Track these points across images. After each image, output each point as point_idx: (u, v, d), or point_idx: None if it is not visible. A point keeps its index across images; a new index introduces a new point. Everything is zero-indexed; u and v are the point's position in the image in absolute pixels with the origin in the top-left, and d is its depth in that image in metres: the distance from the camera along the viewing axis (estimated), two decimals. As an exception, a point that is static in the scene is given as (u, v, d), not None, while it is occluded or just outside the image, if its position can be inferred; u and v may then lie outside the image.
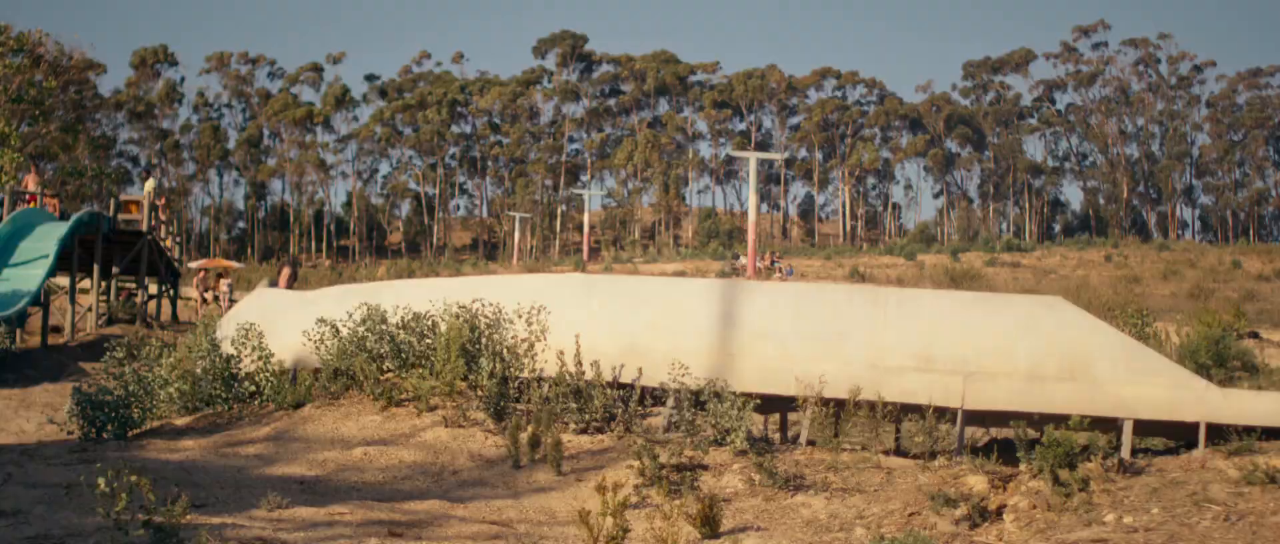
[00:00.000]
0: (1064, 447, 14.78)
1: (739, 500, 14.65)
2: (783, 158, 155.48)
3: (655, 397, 18.12)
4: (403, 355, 18.93)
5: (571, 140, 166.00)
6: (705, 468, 15.70)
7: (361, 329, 19.18)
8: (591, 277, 20.75)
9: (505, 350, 18.35)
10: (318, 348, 19.53)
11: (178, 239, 54.04)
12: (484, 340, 18.51)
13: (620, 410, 17.59)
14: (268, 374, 19.68)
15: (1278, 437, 17.03)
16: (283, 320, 20.61)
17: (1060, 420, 16.15)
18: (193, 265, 70.87)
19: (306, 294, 24.18)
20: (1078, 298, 30.81)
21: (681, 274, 62.12)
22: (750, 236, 43.61)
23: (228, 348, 20.03)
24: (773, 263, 69.92)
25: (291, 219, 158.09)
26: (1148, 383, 17.90)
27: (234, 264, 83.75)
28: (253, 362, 19.77)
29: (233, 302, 49.08)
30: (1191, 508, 13.63)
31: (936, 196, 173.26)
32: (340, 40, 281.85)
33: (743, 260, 74.08)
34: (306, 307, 21.21)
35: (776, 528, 13.60)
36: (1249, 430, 16.70)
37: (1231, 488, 14.34)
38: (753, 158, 61.32)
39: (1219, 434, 17.07)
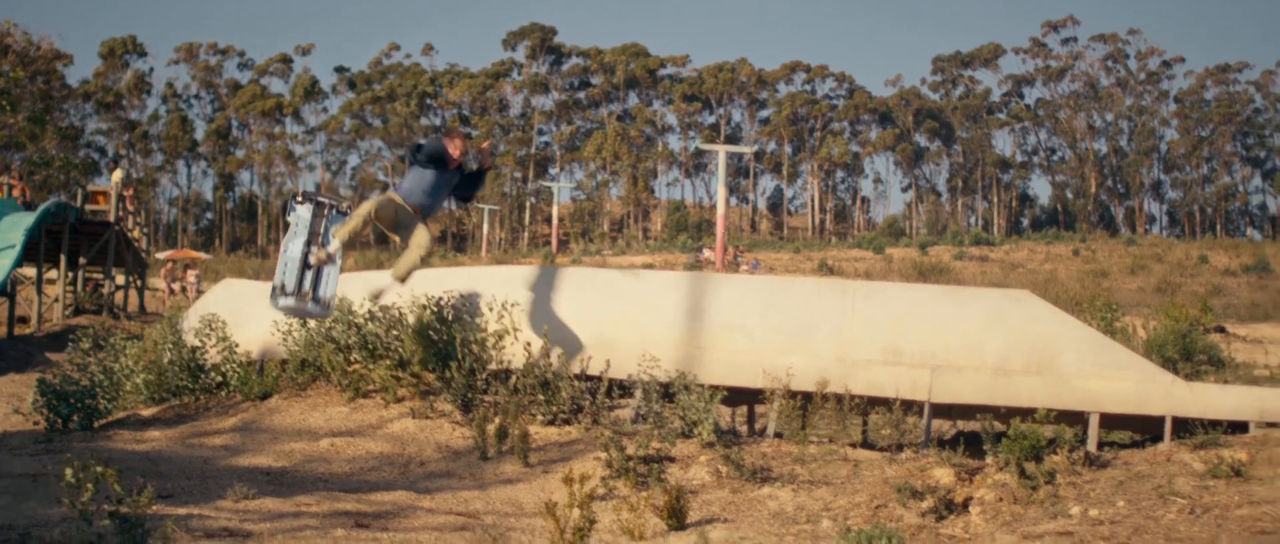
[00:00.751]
0: (1030, 440, 14.81)
1: (706, 492, 14.65)
2: (752, 151, 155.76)
3: (623, 388, 18.12)
4: (370, 346, 18.90)
5: (541, 133, 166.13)
6: (672, 460, 15.71)
7: (328, 320, 19.14)
8: (560, 269, 20.73)
9: (473, 342, 18.34)
10: (284, 339, 19.50)
11: (145, 230, 53.96)
12: (452, 333, 18.49)
13: (588, 402, 17.58)
14: (234, 365, 19.65)
15: (1243, 430, 17.10)
16: (250, 311, 20.57)
17: (1027, 413, 16.20)
18: (160, 256, 70.79)
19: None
20: (1045, 292, 30.92)
21: (650, 266, 62.20)
22: (719, 230, 43.69)
23: (193, 339, 19.98)
24: (737, 256, 69.96)
25: (260, 210, 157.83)
26: (1114, 377, 17.95)
27: (202, 255, 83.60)
28: (219, 353, 19.74)
29: (200, 292, 48.99)
30: (1157, 501, 13.67)
31: (905, 190, 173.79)
32: (309, 32, 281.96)
33: (707, 253, 74.11)
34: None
35: (743, 520, 13.61)
36: (1215, 424, 16.75)
37: (1197, 481, 14.38)
38: (722, 151, 61.43)
39: (1185, 428, 17.12)
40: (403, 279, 17.08)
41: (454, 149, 16.63)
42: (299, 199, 17.49)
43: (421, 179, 16.74)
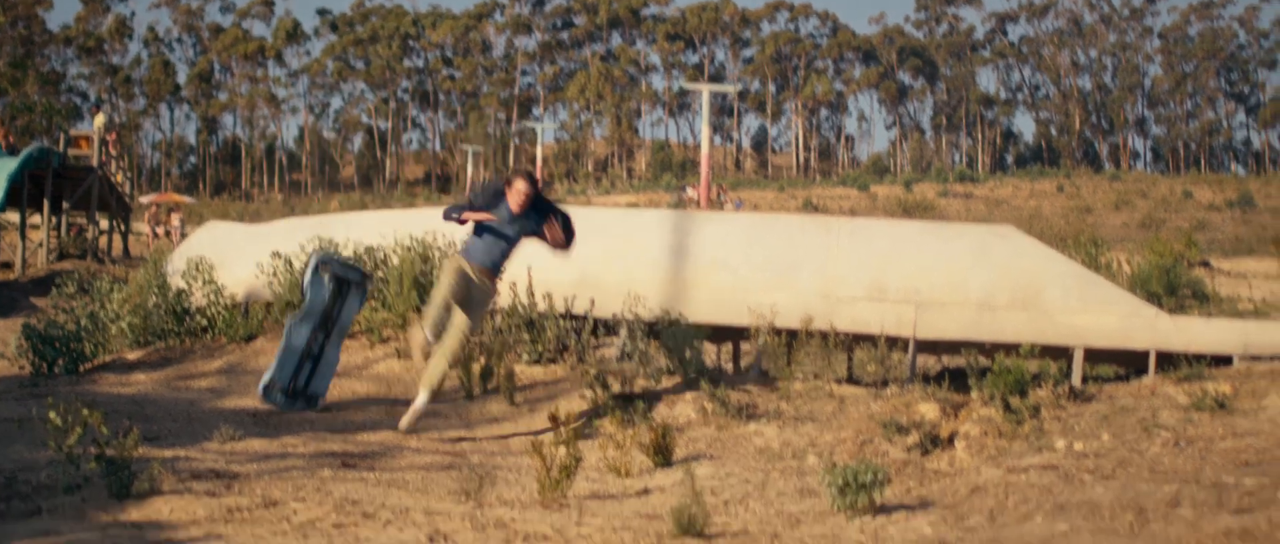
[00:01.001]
0: (1015, 375, 14.84)
1: (692, 430, 14.67)
2: (736, 90, 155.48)
3: (608, 327, 18.12)
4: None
5: (524, 73, 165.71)
6: (658, 398, 15.72)
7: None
8: (545, 208, 20.70)
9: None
10: (270, 281, 19.47)
11: (128, 174, 53.81)
12: (436, 272, 18.47)
13: (573, 341, 17.58)
14: (219, 308, 19.62)
15: (1227, 363, 17.14)
16: (234, 254, 20.54)
17: (1012, 349, 16.22)
18: (144, 200, 70.64)
19: (258, 227, 24.13)
20: (1030, 228, 30.95)
21: (635, 206, 62.19)
22: (703, 169, 43.67)
23: (178, 282, 19.94)
24: (720, 195, 69.83)
25: (243, 154, 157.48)
26: (1099, 311, 17.98)
27: (186, 199, 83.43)
28: (203, 295, 19.71)
29: (184, 236, 48.90)
30: (1141, 434, 13.69)
31: (889, 128, 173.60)
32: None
33: (690, 192, 73.99)
34: (258, 240, 21.13)
35: (729, 457, 13.63)
36: (1199, 358, 16.81)
37: (1181, 414, 14.41)
38: (705, 90, 61.31)
39: (1169, 362, 17.16)
40: (434, 390, 14.53)
41: (515, 195, 14.22)
42: (319, 269, 15.79)
43: (488, 236, 14.37)
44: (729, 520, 10.51)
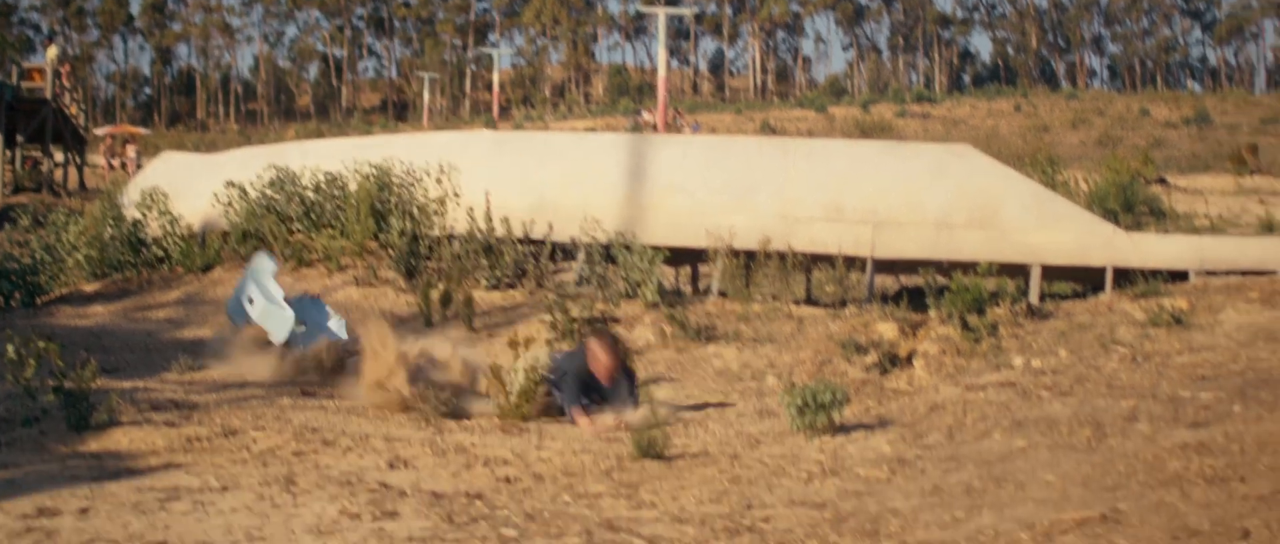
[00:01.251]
0: (973, 293, 14.88)
1: (651, 352, 14.69)
2: (692, 13, 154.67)
3: (566, 252, 18.11)
4: (313, 216, 18.82)
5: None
6: (617, 321, 15.73)
7: (271, 190, 19.04)
8: (501, 133, 20.69)
9: (416, 209, 18.26)
10: (226, 210, 19.39)
11: (83, 106, 53.45)
12: (394, 199, 18.42)
13: (531, 266, 17.56)
14: (175, 238, 19.54)
15: (1184, 279, 17.23)
16: (191, 184, 20.44)
17: (969, 267, 16.26)
18: (99, 132, 70.13)
19: (214, 157, 24.03)
20: (987, 147, 31.01)
21: (592, 131, 62.12)
22: (660, 93, 43.58)
23: (134, 213, 19.85)
24: (677, 119, 69.64)
25: (198, 84, 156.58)
26: (1056, 229, 18.04)
27: (141, 130, 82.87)
28: (160, 226, 19.62)
29: (140, 167, 48.62)
30: (1098, 350, 13.75)
31: (846, 49, 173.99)
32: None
33: (646, 115, 73.75)
34: (214, 170, 21.05)
35: (689, 378, 13.66)
36: (1155, 274, 16.87)
37: (1138, 330, 14.48)
38: (662, 13, 61.05)
39: (1126, 278, 17.23)
40: None
41: (600, 368, 11.84)
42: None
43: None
44: (689, 442, 10.54)
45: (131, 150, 59.59)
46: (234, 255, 19.05)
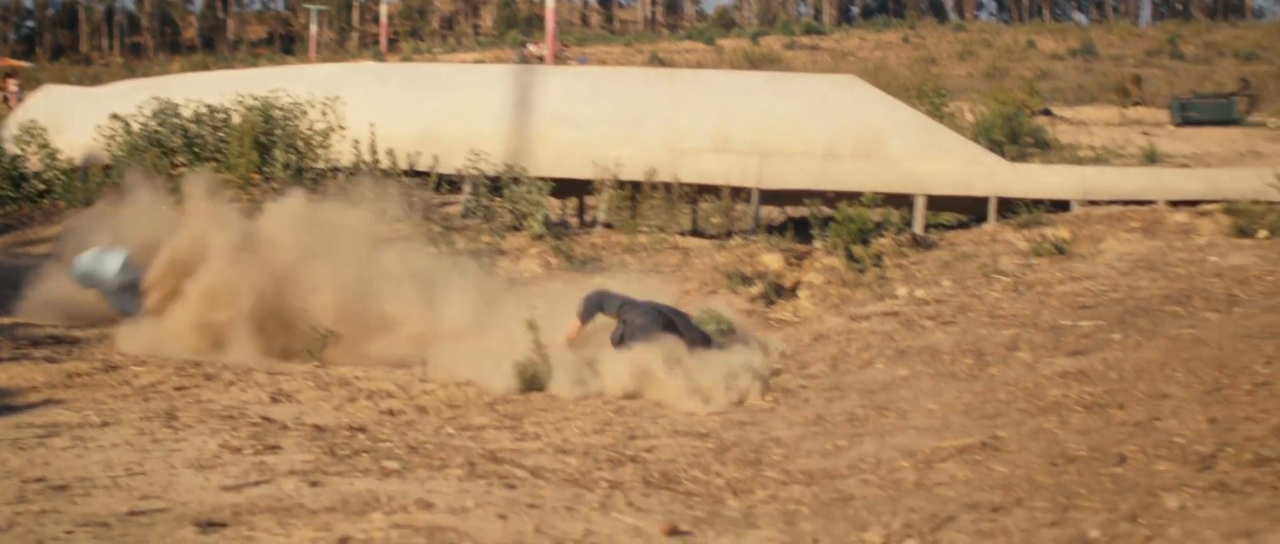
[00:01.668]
0: (857, 223, 14.95)
1: (537, 283, 14.64)
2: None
3: (453, 184, 18.02)
4: (195, 149, 18.60)
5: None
6: (503, 253, 15.68)
7: (153, 123, 18.80)
8: (386, 65, 20.55)
9: (300, 141, 18.10)
10: (108, 144, 19.14)
11: (-39, 38, 52.75)
12: (278, 132, 18.24)
13: (417, 198, 17.46)
14: (56, 172, 19.30)
15: (1066, 209, 17.36)
16: (73, 118, 20.18)
17: (855, 198, 16.32)
18: (-21, 65, 69.19)
19: (96, 90, 23.74)
20: (875, 79, 31.08)
21: (480, 63, 61.78)
22: (549, 24, 43.42)
23: (12, 147, 19.58)
24: (563, 51, 69.32)
25: (81, 17, 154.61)
26: (940, 159, 18.12)
27: (22, 63, 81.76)
28: (41, 160, 19.37)
29: (21, 101, 48.02)
30: (982, 279, 13.86)
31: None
32: None
33: (531, 47, 73.39)
34: (96, 103, 20.78)
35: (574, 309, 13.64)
36: (1038, 204, 17.00)
37: (1021, 259, 14.60)
38: (550, -56, 60.78)
39: (1009, 208, 17.35)
40: None
41: None
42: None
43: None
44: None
45: (13, 84, 58.81)
46: (117, 189, 18.82)
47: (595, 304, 10.78)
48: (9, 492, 6.49)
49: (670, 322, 10.59)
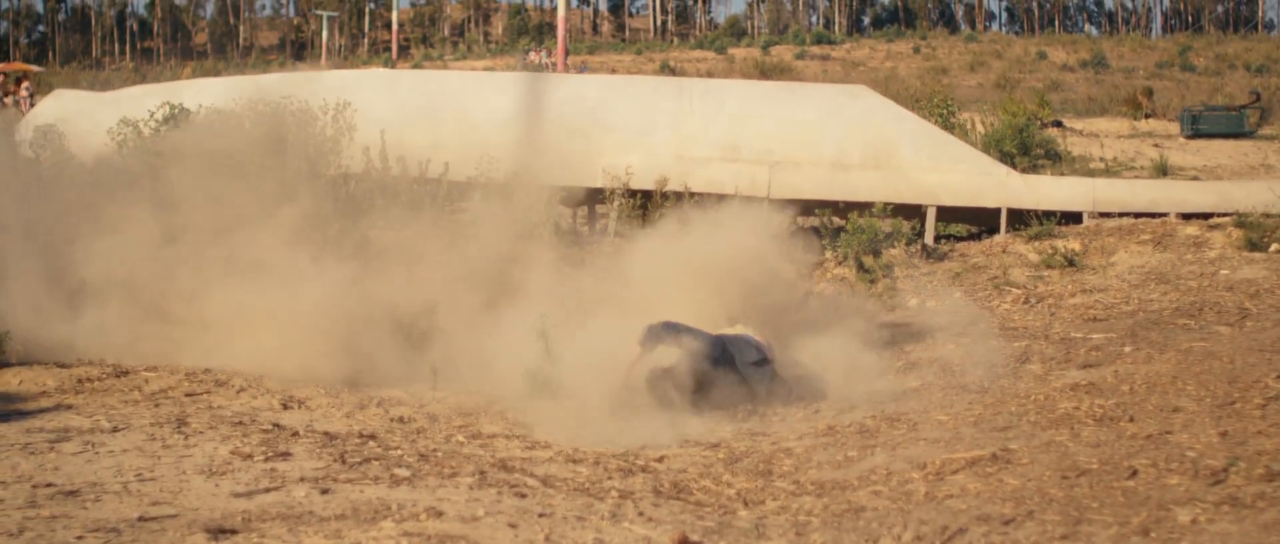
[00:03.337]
0: (868, 234, 14.93)
1: (548, 292, 14.62)
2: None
3: (463, 192, 18.01)
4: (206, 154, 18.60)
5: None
6: (513, 260, 15.65)
7: (164, 128, 18.81)
8: (397, 72, 20.54)
9: (311, 147, 18.09)
10: (120, 148, 19.15)
11: (-26, 42, 52.83)
12: (290, 137, 18.23)
13: (427, 206, 17.44)
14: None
15: (1077, 221, 17.35)
16: (85, 122, 20.18)
17: (865, 207, 16.29)
18: (-9, 69, 69.26)
19: (107, 95, 23.74)
20: (886, 89, 31.07)
21: (490, 70, 61.76)
22: (560, 32, 43.44)
23: (27, 151, 19.59)
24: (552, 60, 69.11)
25: (93, 21, 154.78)
26: (951, 170, 18.10)
27: (34, 68, 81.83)
28: (54, 165, 19.38)
29: (33, 105, 48.07)
30: (992, 291, 13.85)
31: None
32: None
33: (532, 55, 73.34)
34: (108, 107, 20.78)
35: (585, 315, 13.62)
36: (1049, 215, 16.98)
37: (1031, 271, 14.59)
38: (562, -47, 60.78)
39: (1021, 219, 17.33)
40: None
41: None
42: None
43: None
44: (580, 379, 10.53)
45: (25, 88, 58.83)
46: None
47: (656, 336, 10.62)
48: (20, 496, 6.49)
49: (724, 351, 10.47)
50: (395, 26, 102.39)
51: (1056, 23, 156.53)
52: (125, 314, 12.25)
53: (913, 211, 18.02)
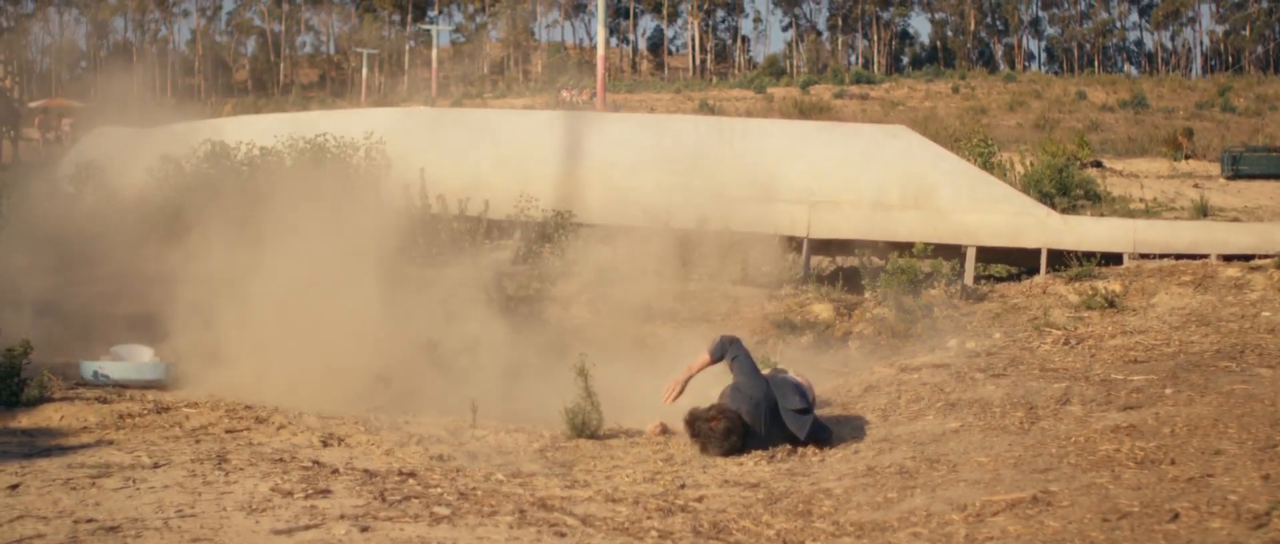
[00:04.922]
0: (908, 274, 14.94)
1: (587, 331, 14.65)
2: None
3: (502, 230, 18.06)
4: (247, 189, 18.69)
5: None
6: (552, 299, 15.69)
7: (205, 165, 18.90)
8: (437, 110, 20.64)
9: (349, 182, 18.17)
10: (161, 184, 19.24)
11: (17, 79, 53.12)
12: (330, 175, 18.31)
13: (467, 244, 17.49)
14: (111, 213, 19.40)
15: (1118, 262, 17.32)
16: (125, 158, 20.29)
17: (905, 247, 16.32)
18: (33, 105, 69.57)
19: (148, 131, 23.87)
20: (925, 129, 31.11)
21: (530, 109, 61.90)
22: (599, 71, 43.51)
23: (68, 187, 19.71)
24: (591, 97, 69.17)
25: (135, 57, 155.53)
26: (990, 210, 18.10)
27: (76, 104, 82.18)
28: (95, 201, 19.49)
29: (75, 141, 48.36)
30: (1032, 332, 13.82)
31: (785, 29, 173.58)
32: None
33: (565, 93, 73.53)
34: (149, 144, 20.89)
35: (623, 358, 13.64)
36: (1089, 256, 16.96)
37: (1071, 312, 14.55)
38: (601, -9, 60.95)
39: (1060, 260, 17.32)
40: None
41: None
42: None
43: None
44: (622, 418, 10.54)
45: (66, 124, 59.12)
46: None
47: (721, 350, 10.45)
48: (61, 532, 6.52)
49: (767, 396, 10.10)
50: (434, 64, 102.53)
51: (1095, 63, 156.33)
52: (170, 350, 12.33)
53: (952, 252, 18.01)
